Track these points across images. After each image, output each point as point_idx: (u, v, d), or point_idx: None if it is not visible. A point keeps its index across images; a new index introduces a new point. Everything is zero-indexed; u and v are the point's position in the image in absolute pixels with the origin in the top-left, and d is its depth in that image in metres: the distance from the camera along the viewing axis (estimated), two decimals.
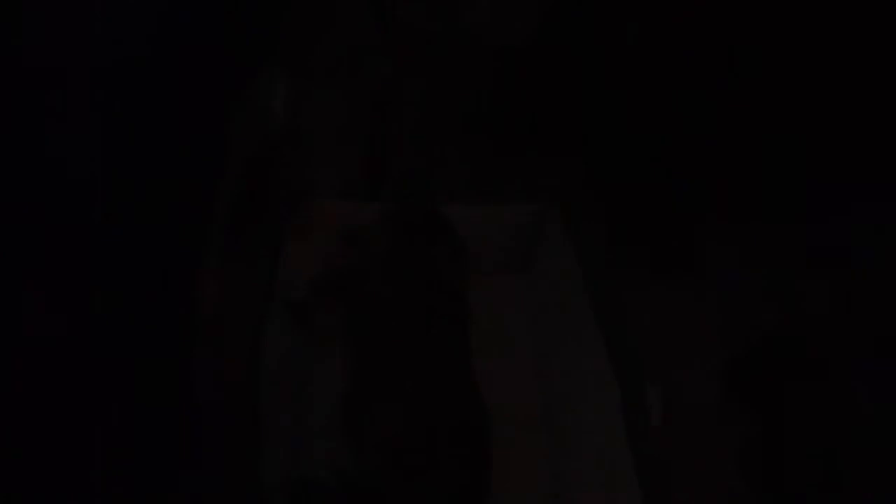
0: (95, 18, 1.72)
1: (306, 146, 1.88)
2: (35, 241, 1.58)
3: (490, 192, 1.80)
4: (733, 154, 1.71)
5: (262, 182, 1.85)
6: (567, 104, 1.78)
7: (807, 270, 1.65)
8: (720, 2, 1.72)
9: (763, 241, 1.67)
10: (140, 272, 1.63)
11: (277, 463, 1.57)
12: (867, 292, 1.63)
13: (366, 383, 1.63)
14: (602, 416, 1.52)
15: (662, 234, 1.69)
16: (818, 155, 1.70)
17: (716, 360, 1.62)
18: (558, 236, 1.72)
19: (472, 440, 1.58)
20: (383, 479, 1.54)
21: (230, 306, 1.73)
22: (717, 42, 1.74)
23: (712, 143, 1.71)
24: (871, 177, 1.67)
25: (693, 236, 1.68)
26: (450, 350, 1.66)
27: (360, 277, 1.73)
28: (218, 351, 1.68)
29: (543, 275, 1.72)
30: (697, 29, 1.73)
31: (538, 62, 1.82)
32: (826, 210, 1.67)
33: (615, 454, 1.48)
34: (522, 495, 1.53)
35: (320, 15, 1.95)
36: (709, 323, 1.64)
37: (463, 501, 1.52)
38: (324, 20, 1.95)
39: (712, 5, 1.72)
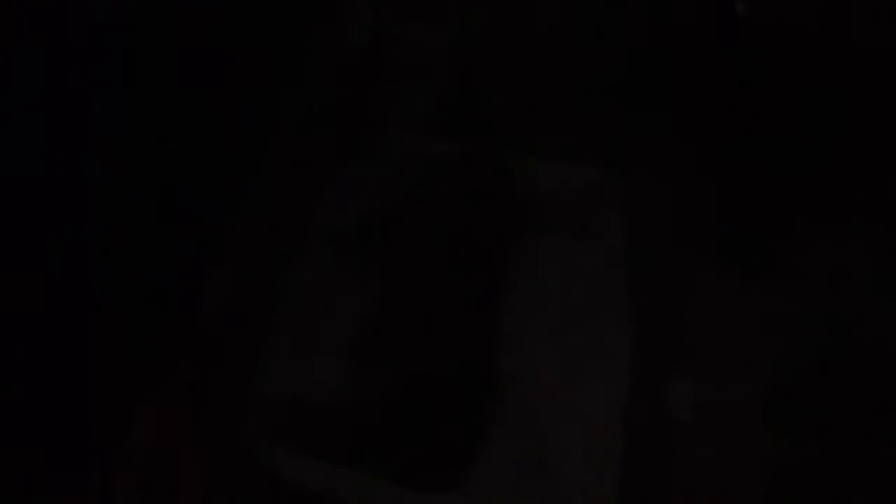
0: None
1: (387, 76, 1.84)
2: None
3: (566, 150, 1.74)
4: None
5: (335, 107, 1.82)
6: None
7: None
8: None
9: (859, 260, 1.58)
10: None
11: (279, 381, 1.53)
12: None
13: (386, 320, 1.59)
14: (604, 398, 1.52)
15: (758, 227, 1.61)
16: None
17: (762, 372, 1.54)
18: (621, 208, 1.64)
19: (473, 398, 1.54)
20: (378, 416, 1.51)
21: (264, 225, 1.70)
22: None
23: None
24: None
25: (789, 237, 1.59)
26: (478, 303, 1.60)
27: (408, 215, 1.68)
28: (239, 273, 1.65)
29: (596, 245, 1.64)
30: None
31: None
32: None
33: (606, 435, 1.48)
34: (507, 458, 1.49)
35: None
36: (768, 332, 1.56)
37: (448, 455, 1.46)
38: None
39: None
